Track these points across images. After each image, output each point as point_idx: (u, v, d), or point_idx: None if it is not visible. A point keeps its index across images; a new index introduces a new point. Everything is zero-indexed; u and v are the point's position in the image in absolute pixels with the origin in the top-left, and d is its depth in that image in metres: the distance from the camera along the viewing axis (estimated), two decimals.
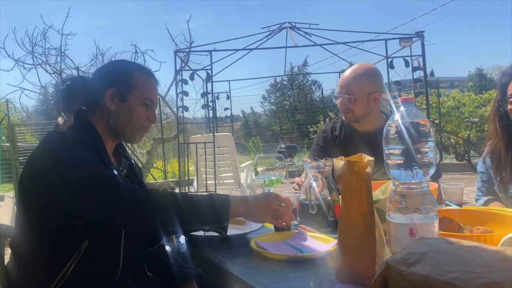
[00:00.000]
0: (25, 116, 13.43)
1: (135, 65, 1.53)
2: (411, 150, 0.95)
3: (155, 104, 1.49)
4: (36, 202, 1.23)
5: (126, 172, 1.50)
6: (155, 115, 1.49)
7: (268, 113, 26.06)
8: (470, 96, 12.16)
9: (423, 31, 5.95)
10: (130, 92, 1.41)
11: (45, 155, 1.26)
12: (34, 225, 1.24)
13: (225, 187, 6.25)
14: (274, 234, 1.37)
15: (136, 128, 1.44)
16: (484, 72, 37.65)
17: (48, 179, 1.20)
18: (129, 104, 1.41)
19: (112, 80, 1.43)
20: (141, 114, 1.43)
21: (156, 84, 1.51)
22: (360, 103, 2.06)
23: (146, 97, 1.44)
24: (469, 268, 0.62)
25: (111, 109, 1.40)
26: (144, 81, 1.45)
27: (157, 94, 1.52)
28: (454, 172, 8.37)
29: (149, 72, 1.51)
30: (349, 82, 2.07)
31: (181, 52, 6.56)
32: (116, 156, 1.51)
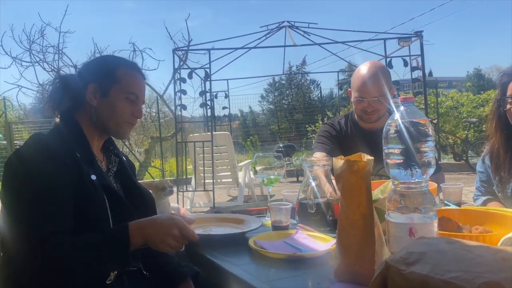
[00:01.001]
0: (23, 114, 13.39)
1: (119, 59, 1.50)
2: (411, 150, 0.94)
3: (140, 98, 1.44)
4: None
5: (116, 169, 1.47)
6: (141, 110, 1.45)
7: (266, 112, 26.08)
8: (468, 96, 12.19)
9: (422, 31, 5.97)
10: (113, 87, 1.38)
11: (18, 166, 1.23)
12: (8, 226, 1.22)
13: (223, 186, 6.26)
14: (273, 233, 1.37)
15: (120, 123, 1.41)
16: (482, 72, 37.76)
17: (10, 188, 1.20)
18: (112, 99, 1.38)
19: (94, 75, 1.41)
20: (124, 109, 1.40)
21: (142, 78, 1.47)
22: (385, 102, 2.08)
23: (130, 92, 1.40)
24: (469, 267, 0.62)
25: (93, 105, 1.38)
26: (128, 75, 1.42)
27: (143, 89, 1.47)
28: (452, 172, 8.39)
29: (135, 66, 1.48)
30: (375, 83, 2.06)
31: (180, 50, 6.56)
32: (105, 154, 1.49)
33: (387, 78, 2.10)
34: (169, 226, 1.19)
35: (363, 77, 2.09)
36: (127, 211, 1.32)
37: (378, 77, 2.06)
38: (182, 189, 5.75)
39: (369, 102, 2.07)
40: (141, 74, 1.47)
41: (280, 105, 25.40)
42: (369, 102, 2.07)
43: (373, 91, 2.06)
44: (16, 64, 8.40)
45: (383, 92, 2.06)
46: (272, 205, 1.43)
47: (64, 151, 1.25)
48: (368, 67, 2.11)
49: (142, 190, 1.50)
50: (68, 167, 1.22)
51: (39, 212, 1.15)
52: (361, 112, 2.14)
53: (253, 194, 6.46)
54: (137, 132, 11.67)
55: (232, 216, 1.64)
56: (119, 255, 1.17)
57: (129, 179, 1.49)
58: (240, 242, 1.31)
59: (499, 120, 1.81)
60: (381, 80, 2.06)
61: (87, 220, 1.22)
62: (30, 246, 1.13)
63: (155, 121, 10.71)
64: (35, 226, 1.14)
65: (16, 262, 1.18)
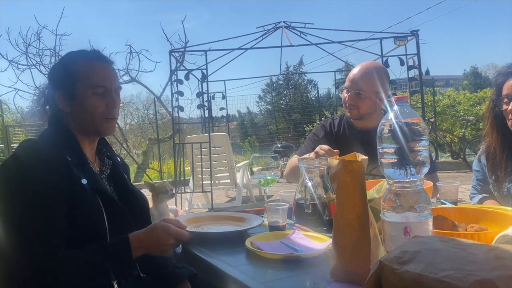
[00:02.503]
0: (20, 117, 13.37)
1: (74, 55, 1.40)
2: (405, 149, 0.95)
3: (109, 88, 1.34)
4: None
5: (109, 172, 1.46)
6: (114, 100, 1.35)
7: (264, 113, 26.06)
8: (465, 95, 12.21)
9: (418, 30, 5.98)
10: (76, 87, 1.32)
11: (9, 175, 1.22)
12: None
13: (221, 187, 6.26)
14: (270, 234, 1.37)
15: (98, 122, 1.34)
16: (479, 71, 37.84)
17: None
18: (80, 100, 1.32)
19: (57, 81, 1.37)
20: (96, 106, 1.32)
21: (105, 65, 1.37)
22: (368, 101, 2.07)
23: (94, 85, 1.32)
24: (462, 266, 0.62)
25: (66, 111, 1.35)
26: (86, 68, 1.34)
27: (108, 77, 1.36)
28: (450, 170, 8.41)
29: (93, 56, 1.38)
30: (359, 78, 2.07)
31: (176, 52, 6.57)
32: (99, 156, 1.47)
33: (381, 80, 2.08)
34: (165, 238, 1.26)
35: (353, 71, 2.12)
36: (121, 213, 1.32)
37: (367, 74, 2.06)
38: (180, 190, 5.75)
39: (349, 94, 2.09)
40: (102, 61, 1.37)
41: (278, 106, 25.40)
42: (350, 95, 2.09)
43: (353, 80, 2.07)
44: (13, 67, 8.39)
45: (364, 88, 2.05)
46: (268, 206, 1.43)
47: (54, 156, 1.24)
48: (365, 64, 2.12)
49: (135, 191, 1.50)
50: (59, 174, 1.21)
51: (31, 224, 1.15)
52: (344, 104, 2.16)
53: (252, 195, 6.46)
54: (135, 134, 11.66)
55: (233, 214, 1.64)
56: (121, 271, 1.21)
57: (122, 180, 1.48)
58: (238, 243, 1.31)
59: (494, 120, 1.82)
60: (369, 78, 2.06)
61: (82, 226, 1.22)
62: (22, 256, 1.13)
63: (152, 123, 10.72)
64: (27, 237, 1.14)
65: (9, 268, 1.18)
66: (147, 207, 1.53)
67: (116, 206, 1.32)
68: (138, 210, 1.45)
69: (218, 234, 1.44)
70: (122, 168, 1.53)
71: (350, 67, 9.98)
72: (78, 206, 1.22)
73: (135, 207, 1.44)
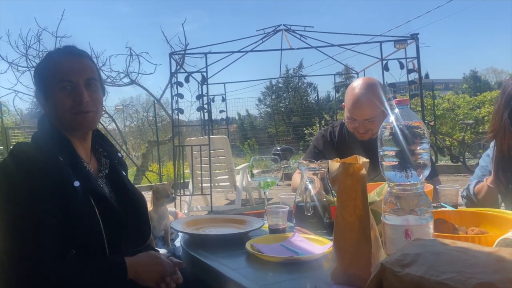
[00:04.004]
0: (19, 119, 13.37)
1: (47, 54, 1.39)
2: (406, 152, 0.95)
3: (75, 82, 1.30)
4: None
5: (108, 171, 1.45)
6: (81, 93, 1.29)
7: (264, 116, 26.10)
8: (465, 98, 12.24)
9: (418, 34, 6.01)
10: (46, 86, 1.32)
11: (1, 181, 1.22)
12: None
13: (221, 190, 6.25)
14: (270, 237, 1.37)
15: (69, 117, 1.31)
16: (479, 75, 37.94)
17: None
18: (51, 98, 1.31)
19: (35, 82, 1.38)
20: (64, 101, 1.29)
21: (72, 59, 1.33)
22: (378, 121, 2.03)
23: (59, 81, 1.29)
24: (463, 268, 0.62)
25: (46, 111, 1.35)
26: (53, 66, 1.32)
27: (75, 70, 1.31)
28: (449, 174, 8.41)
29: (62, 52, 1.35)
30: (367, 106, 2.03)
31: (176, 54, 6.58)
32: (96, 156, 1.46)
33: (380, 96, 2.06)
34: (161, 274, 1.26)
35: (355, 98, 2.05)
36: (116, 214, 1.32)
37: (370, 99, 2.03)
38: (180, 193, 5.74)
39: (360, 123, 2.05)
40: (70, 55, 1.34)
41: (278, 108, 25.45)
42: (360, 123, 2.06)
43: (364, 113, 2.03)
44: (13, 69, 8.40)
45: (375, 114, 2.03)
46: (269, 209, 1.43)
47: (46, 159, 1.23)
48: (360, 86, 2.06)
49: (134, 192, 1.49)
50: (51, 178, 1.20)
51: (19, 236, 1.15)
52: (353, 131, 2.13)
53: (251, 198, 6.46)
54: (134, 136, 11.67)
55: (233, 217, 1.64)
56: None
57: (120, 180, 1.46)
58: (238, 245, 1.31)
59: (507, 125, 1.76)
60: (373, 101, 2.02)
61: (76, 228, 1.22)
62: (8, 269, 1.14)
63: (152, 125, 10.73)
64: (13, 249, 1.14)
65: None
66: (146, 207, 1.53)
67: (110, 206, 1.31)
68: (136, 210, 1.44)
69: (218, 236, 1.44)
70: (121, 166, 1.52)
71: (349, 70, 10.01)
72: (71, 209, 1.21)
73: (134, 207, 1.43)
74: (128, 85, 8.96)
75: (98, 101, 1.37)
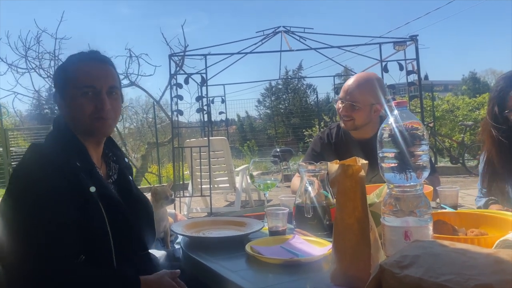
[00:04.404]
0: (19, 121, 13.37)
1: (71, 57, 1.39)
2: (405, 153, 0.95)
3: (98, 89, 1.31)
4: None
5: (116, 177, 1.46)
6: (104, 100, 1.30)
7: (263, 117, 26.09)
8: (464, 100, 12.24)
9: (417, 35, 6.01)
10: (68, 88, 1.32)
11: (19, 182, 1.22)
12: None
13: (220, 191, 6.25)
14: (270, 239, 1.37)
15: (87, 122, 1.31)
16: (478, 76, 37.97)
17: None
18: (70, 101, 1.32)
19: (55, 83, 1.39)
20: (84, 106, 1.30)
21: (97, 65, 1.34)
22: (362, 112, 2.06)
23: (82, 86, 1.30)
24: (462, 270, 0.62)
25: (62, 113, 1.35)
26: (77, 70, 1.32)
27: (98, 77, 1.32)
28: (449, 175, 8.41)
29: (87, 56, 1.36)
30: (354, 89, 2.06)
31: (176, 56, 6.58)
32: (105, 160, 1.47)
33: (375, 91, 2.08)
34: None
35: (348, 82, 2.12)
36: (125, 221, 1.32)
37: (362, 86, 2.06)
38: (179, 194, 5.74)
39: (344, 106, 2.08)
40: (94, 61, 1.35)
41: (277, 110, 25.44)
42: (344, 106, 2.08)
43: (350, 93, 2.07)
44: (12, 70, 8.40)
45: (359, 100, 2.05)
46: (268, 210, 1.43)
47: (64, 163, 1.23)
48: (360, 76, 2.13)
49: (140, 197, 1.49)
50: (70, 182, 1.20)
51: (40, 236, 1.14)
52: (338, 115, 2.16)
53: (251, 199, 6.46)
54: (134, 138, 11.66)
55: (233, 219, 1.64)
56: None
57: (128, 186, 1.47)
58: (237, 247, 1.31)
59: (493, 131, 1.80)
60: (364, 89, 2.05)
61: (86, 233, 1.22)
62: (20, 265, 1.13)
63: (151, 127, 10.73)
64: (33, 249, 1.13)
65: (9, 276, 1.18)
66: (152, 212, 1.53)
67: (121, 211, 1.32)
68: (143, 216, 1.44)
69: (218, 239, 1.44)
70: (127, 170, 1.52)
71: (349, 72, 10.01)
72: (84, 214, 1.22)
73: (140, 213, 1.44)
74: (127, 87, 8.96)
75: (118, 109, 1.38)
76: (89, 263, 1.21)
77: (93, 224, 1.24)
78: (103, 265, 1.26)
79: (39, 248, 1.13)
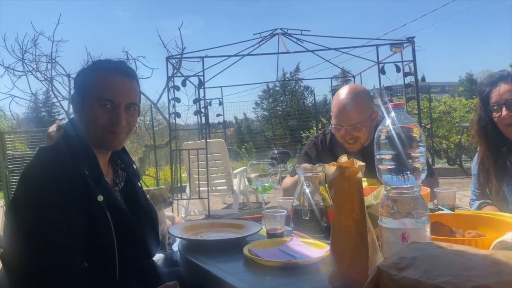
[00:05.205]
0: (15, 124, 13.34)
1: (97, 63, 1.39)
2: (402, 155, 0.95)
3: (117, 103, 1.30)
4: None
5: (123, 185, 1.45)
6: (120, 115, 1.30)
7: (261, 119, 26.13)
8: (461, 101, 12.29)
9: (414, 37, 6.02)
10: (87, 95, 1.31)
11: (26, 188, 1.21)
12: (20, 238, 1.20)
13: (218, 194, 6.24)
14: (268, 241, 1.37)
15: (99, 133, 1.31)
16: (475, 77, 38.09)
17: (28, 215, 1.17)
18: (87, 108, 1.31)
19: (75, 85, 1.38)
20: (98, 117, 1.29)
21: (120, 78, 1.33)
22: (365, 128, 2.01)
23: (101, 98, 1.29)
24: (459, 271, 0.62)
25: (76, 118, 1.35)
26: (98, 80, 1.32)
27: (120, 92, 1.32)
28: (446, 177, 8.42)
29: (112, 67, 1.35)
30: (351, 111, 1.99)
31: (173, 58, 6.58)
32: (112, 167, 1.46)
33: (368, 102, 2.04)
34: None
35: (340, 104, 2.03)
36: (131, 231, 1.32)
37: (355, 105, 2.00)
38: (177, 197, 5.73)
39: (347, 130, 2.02)
40: (118, 74, 1.34)
41: (275, 112, 25.49)
42: (346, 130, 2.02)
43: (349, 119, 2.00)
44: (9, 73, 8.39)
45: (360, 119, 1.99)
46: (266, 213, 1.43)
47: (73, 171, 1.21)
48: (346, 92, 2.04)
49: (147, 206, 1.49)
50: (79, 191, 1.20)
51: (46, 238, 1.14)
52: (341, 140, 2.09)
53: (249, 201, 6.45)
54: (131, 141, 11.63)
55: (231, 221, 1.64)
56: None
57: (134, 194, 1.46)
58: (235, 250, 1.31)
59: (482, 130, 1.85)
60: (358, 106, 2.00)
61: (92, 241, 1.22)
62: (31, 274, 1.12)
63: (149, 129, 10.70)
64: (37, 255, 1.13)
65: (14, 280, 1.17)
66: (156, 221, 1.53)
67: (127, 221, 1.31)
68: (148, 224, 1.44)
69: (216, 241, 1.43)
70: (136, 177, 1.51)
71: (346, 74, 10.04)
72: (91, 222, 1.21)
73: (145, 221, 1.43)
74: None
75: (133, 124, 1.38)
76: (92, 271, 1.21)
77: (99, 233, 1.23)
78: (106, 273, 1.26)
79: (43, 256, 1.13)
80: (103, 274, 1.25)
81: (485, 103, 1.82)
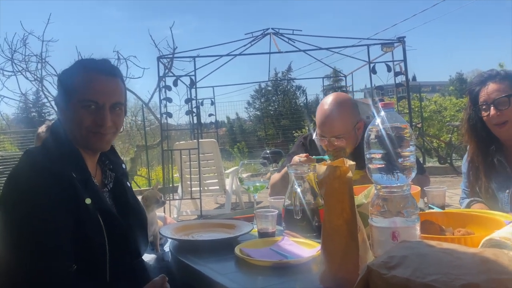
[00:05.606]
0: (5, 124, 13.20)
1: (80, 63, 1.36)
2: (392, 154, 0.96)
3: (101, 104, 1.27)
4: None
5: (112, 186, 1.44)
6: (104, 117, 1.27)
7: (253, 119, 26.11)
8: (451, 100, 12.37)
9: (404, 37, 6.06)
10: (70, 97, 1.28)
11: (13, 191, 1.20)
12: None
13: (210, 194, 6.22)
14: (260, 241, 1.37)
15: (84, 134, 1.28)
16: (464, 77, 38.45)
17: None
18: (70, 109, 1.28)
19: (58, 88, 1.36)
20: (83, 118, 1.26)
21: (104, 78, 1.29)
22: (349, 138, 1.99)
23: (85, 99, 1.26)
24: (448, 270, 0.63)
25: (60, 119, 1.33)
26: (82, 81, 1.28)
27: (103, 92, 1.28)
28: (437, 175, 8.48)
29: (95, 67, 1.31)
30: (335, 122, 1.96)
31: (165, 58, 6.55)
32: (101, 167, 1.45)
33: (352, 112, 2.01)
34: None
35: (324, 114, 2.00)
36: (121, 232, 1.31)
37: (338, 115, 1.96)
38: (169, 197, 5.71)
39: (330, 141, 1.99)
40: (101, 74, 1.30)
41: (267, 112, 25.48)
42: (330, 141, 1.99)
43: (332, 130, 1.97)
44: None
45: (344, 130, 1.96)
46: (258, 213, 1.43)
47: (58, 172, 1.20)
48: (330, 103, 2.00)
49: (135, 208, 1.47)
50: (66, 194, 1.19)
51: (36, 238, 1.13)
52: (325, 149, 2.05)
53: (241, 201, 6.45)
54: (123, 141, 11.59)
55: (223, 221, 1.64)
56: None
57: (123, 195, 1.45)
58: (227, 249, 1.30)
59: (471, 129, 1.88)
60: (341, 117, 1.97)
61: (82, 244, 1.21)
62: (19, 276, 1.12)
63: (140, 129, 10.67)
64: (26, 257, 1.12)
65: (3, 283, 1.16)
66: (146, 221, 1.52)
67: (116, 223, 1.30)
68: (137, 225, 1.43)
69: (207, 242, 1.43)
70: (125, 177, 1.50)
71: (338, 73, 10.06)
72: (79, 224, 1.20)
73: (134, 221, 1.42)
74: None
75: (119, 124, 1.35)
76: (81, 273, 1.19)
77: (89, 234, 1.22)
78: (96, 273, 1.25)
79: (33, 257, 1.12)
80: (93, 276, 1.24)
81: (474, 102, 1.84)
